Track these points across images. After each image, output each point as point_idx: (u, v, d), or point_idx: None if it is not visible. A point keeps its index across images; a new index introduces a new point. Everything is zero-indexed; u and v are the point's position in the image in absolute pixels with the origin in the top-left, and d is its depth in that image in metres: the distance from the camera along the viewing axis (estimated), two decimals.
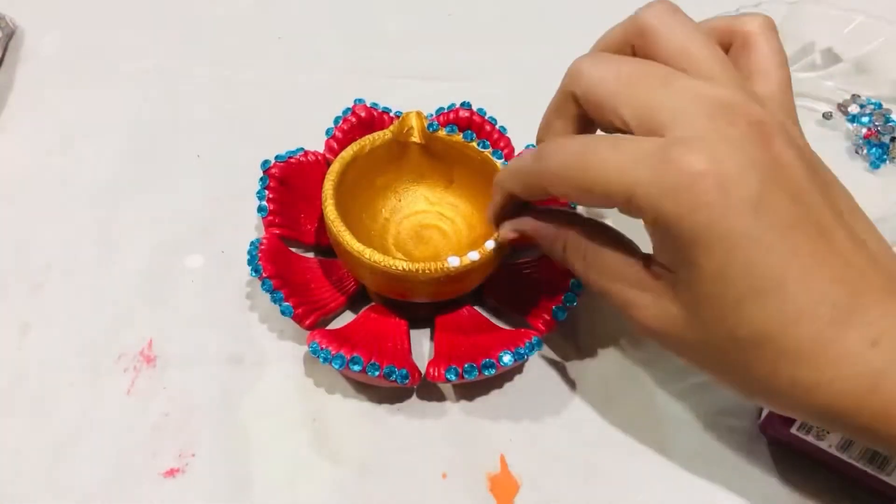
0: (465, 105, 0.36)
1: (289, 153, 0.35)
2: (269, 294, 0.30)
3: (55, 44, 0.46)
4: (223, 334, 0.33)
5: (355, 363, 0.28)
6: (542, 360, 0.32)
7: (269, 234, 0.33)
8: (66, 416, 0.30)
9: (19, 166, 0.39)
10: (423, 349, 0.33)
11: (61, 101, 0.42)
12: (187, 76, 0.44)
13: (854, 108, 0.42)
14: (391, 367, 0.28)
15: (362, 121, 0.36)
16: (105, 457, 0.29)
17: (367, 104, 0.36)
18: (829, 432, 0.27)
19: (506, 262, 0.33)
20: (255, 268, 0.30)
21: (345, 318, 0.33)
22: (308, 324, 0.31)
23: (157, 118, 0.42)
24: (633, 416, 0.31)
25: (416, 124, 0.33)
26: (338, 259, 0.32)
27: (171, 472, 0.29)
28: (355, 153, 0.32)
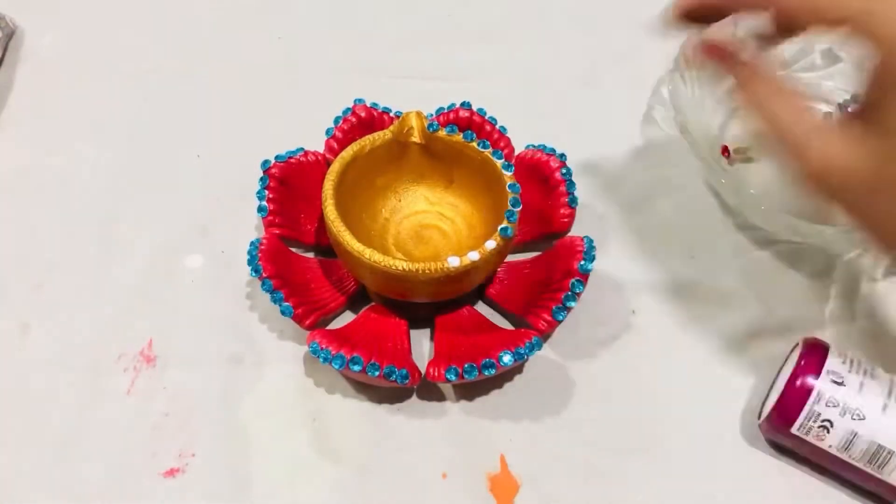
0: (465, 105, 0.36)
1: (289, 153, 0.35)
2: (269, 294, 0.30)
3: (55, 44, 0.46)
4: (223, 334, 0.33)
5: (355, 363, 0.28)
6: (542, 360, 0.32)
7: (269, 234, 0.33)
8: (66, 416, 0.30)
9: (19, 166, 0.39)
10: (423, 349, 0.33)
11: (61, 101, 0.42)
12: (187, 76, 0.44)
13: (854, 108, 0.42)
14: (391, 367, 0.28)
15: (362, 121, 0.36)
16: (105, 457, 0.29)
17: (367, 104, 0.36)
18: (828, 432, 0.27)
19: (506, 261, 0.33)
20: (255, 268, 0.30)
21: (345, 318, 0.33)
22: (308, 324, 0.31)
23: (157, 118, 0.42)
24: (633, 416, 0.31)
25: (416, 124, 0.33)
26: (338, 259, 0.32)
27: (171, 472, 0.29)
28: (355, 153, 0.32)
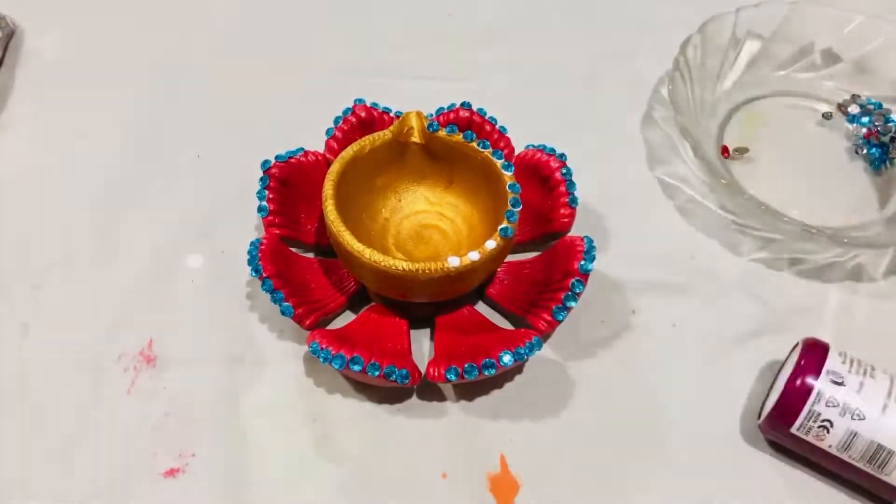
0: (465, 105, 0.36)
1: (289, 153, 0.35)
2: (269, 294, 0.30)
3: (55, 44, 0.46)
4: (223, 334, 0.33)
5: (355, 363, 0.28)
6: (542, 360, 0.32)
7: (269, 234, 0.33)
8: (66, 416, 0.30)
9: (19, 166, 0.39)
10: (423, 349, 0.33)
11: (61, 101, 0.42)
12: (187, 76, 0.44)
13: (854, 108, 0.42)
14: (391, 367, 0.28)
15: (362, 121, 0.36)
16: (105, 457, 0.29)
17: (367, 104, 0.36)
18: (828, 432, 0.27)
19: (506, 261, 0.33)
20: (255, 268, 0.30)
21: (345, 318, 0.33)
22: (308, 324, 0.31)
23: (157, 118, 0.42)
24: (633, 416, 0.31)
25: (416, 124, 0.33)
26: (338, 259, 0.32)
27: (171, 472, 0.29)
28: (355, 153, 0.32)
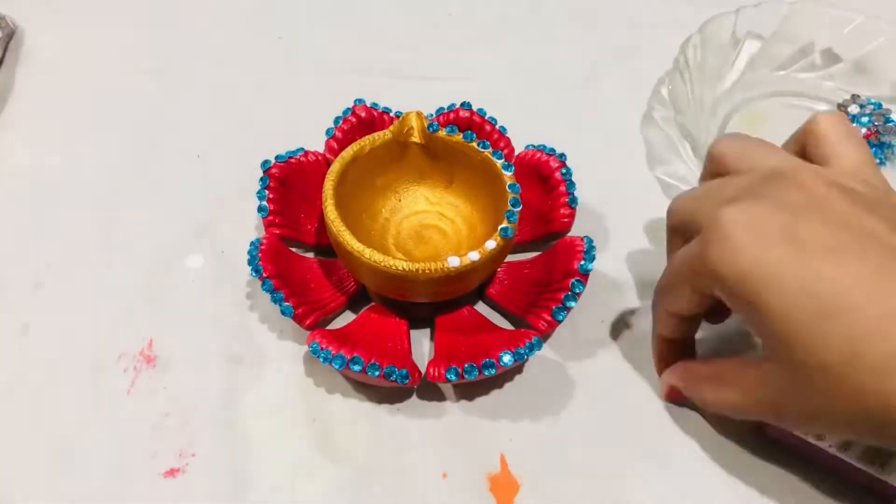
0: (465, 105, 0.36)
1: (289, 153, 0.35)
2: (269, 294, 0.30)
3: (55, 44, 0.46)
4: (223, 334, 0.33)
5: (355, 363, 0.28)
6: (542, 360, 0.32)
7: (269, 234, 0.33)
8: (66, 416, 0.30)
9: (19, 166, 0.39)
10: (423, 349, 0.33)
11: (61, 101, 0.42)
12: (187, 76, 0.44)
13: (854, 109, 0.42)
14: (391, 367, 0.28)
15: (362, 121, 0.36)
16: (105, 457, 0.29)
17: (367, 104, 0.36)
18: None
19: (506, 261, 0.33)
20: (255, 268, 0.30)
21: (345, 318, 0.33)
22: (308, 324, 0.31)
23: (157, 118, 0.42)
24: (633, 416, 0.31)
25: (416, 124, 0.33)
26: (338, 259, 0.32)
27: (171, 472, 0.29)
28: (355, 153, 0.32)
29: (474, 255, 0.29)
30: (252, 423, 0.30)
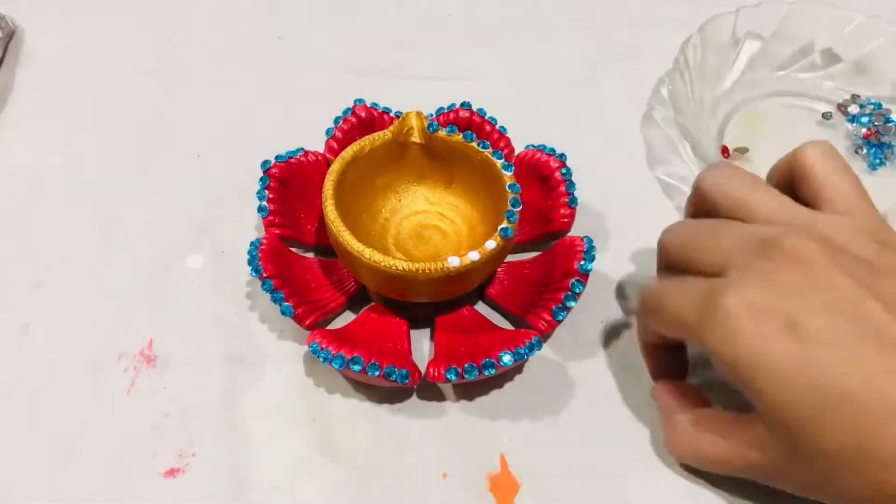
0: (465, 105, 0.36)
1: (289, 153, 0.35)
2: (269, 294, 0.30)
3: (55, 44, 0.46)
4: (223, 334, 0.33)
5: (355, 363, 0.28)
6: (542, 360, 0.32)
7: (269, 234, 0.33)
8: (66, 416, 0.30)
9: (19, 166, 0.39)
10: (423, 349, 0.33)
11: (61, 101, 0.42)
12: (187, 76, 0.44)
13: (854, 109, 0.42)
14: (391, 367, 0.28)
15: (362, 121, 0.36)
16: (105, 457, 0.29)
17: (367, 104, 0.36)
18: None
19: (506, 261, 0.33)
20: (255, 268, 0.30)
21: (345, 318, 0.33)
22: (308, 324, 0.31)
23: (157, 118, 0.42)
24: (633, 416, 0.31)
25: (416, 124, 0.33)
26: (338, 259, 0.32)
27: (171, 472, 0.29)
28: (355, 153, 0.32)
29: (474, 255, 0.29)
30: (252, 423, 0.30)
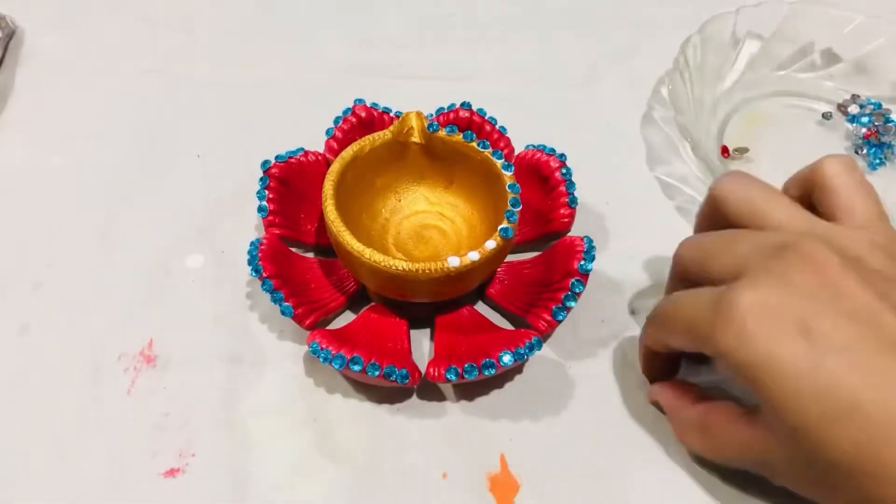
0: (465, 105, 0.36)
1: (289, 153, 0.35)
2: (269, 294, 0.30)
3: (55, 44, 0.46)
4: (223, 334, 0.33)
5: (355, 363, 0.28)
6: (542, 360, 0.32)
7: (269, 234, 0.33)
8: (66, 416, 0.30)
9: (20, 166, 0.39)
10: (423, 349, 0.33)
11: (61, 101, 0.42)
12: (187, 76, 0.44)
13: (854, 109, 0.42)
14: (391, 367, 0.28)
15: (362, 121, 0.36)
16: (105, 457, 0.29)
17: (367, 104, 0.36)
18: None
19: (506, 261, 0.33)
20: (255, 268, 0.30)
21: (345, 318, 0.33)
22: (308, 324, 0.31)
23: (157, 118, 0.42)
24: (633, 416, 0.31)
25: (416, 124, 0.33)
26: (338, 259, 0.32)
27: (171, 472, 0.29)
28: (355, 153, 0.32)
29: (474, 255, 0.29)
30: (252, 423, 0.30)
